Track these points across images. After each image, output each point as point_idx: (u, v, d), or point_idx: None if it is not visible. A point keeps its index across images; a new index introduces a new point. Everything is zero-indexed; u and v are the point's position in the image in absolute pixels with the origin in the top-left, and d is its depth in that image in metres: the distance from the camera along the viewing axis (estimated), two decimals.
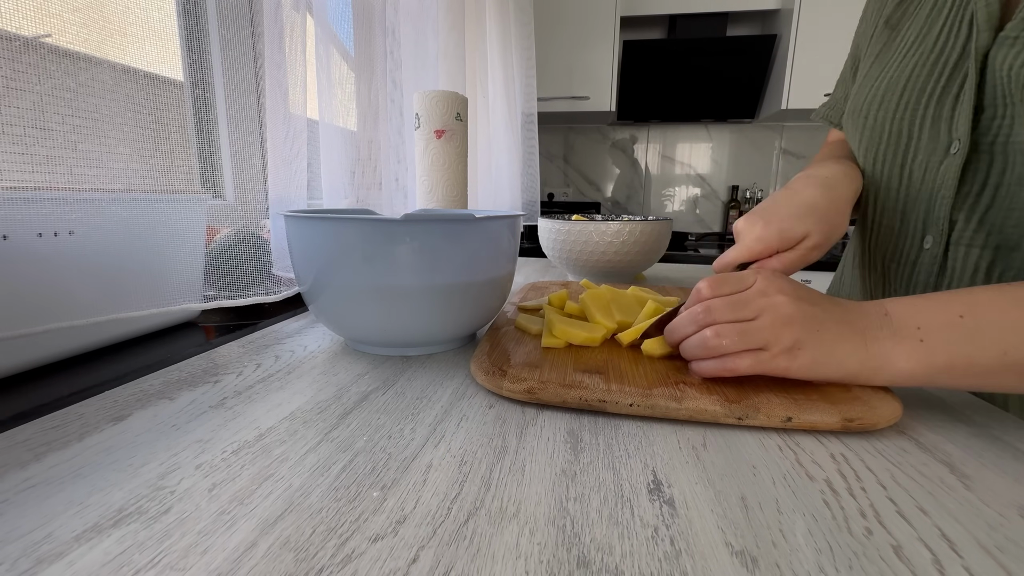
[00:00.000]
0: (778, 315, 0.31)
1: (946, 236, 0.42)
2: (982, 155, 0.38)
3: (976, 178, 0.39)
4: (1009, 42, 0.36)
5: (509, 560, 0.19)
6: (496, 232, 0.41)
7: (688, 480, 0.25)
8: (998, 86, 0.37)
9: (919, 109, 0.42)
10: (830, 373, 0.31)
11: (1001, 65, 0.36)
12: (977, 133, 0.38)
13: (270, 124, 0.60)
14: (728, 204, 2.37)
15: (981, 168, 0.39)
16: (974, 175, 0.39)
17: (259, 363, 0.40)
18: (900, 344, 0.30)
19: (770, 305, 0.32)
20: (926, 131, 0.42)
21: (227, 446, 0.27)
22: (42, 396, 0.32)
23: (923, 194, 0.43)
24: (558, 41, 2.06)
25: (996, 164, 0.38)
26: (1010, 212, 0.38)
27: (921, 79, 0.42)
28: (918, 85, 0.42)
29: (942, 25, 0.41)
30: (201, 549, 0.19)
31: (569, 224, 0.71)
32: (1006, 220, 0.38)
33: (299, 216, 0.39)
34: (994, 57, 0.37)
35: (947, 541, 0.21)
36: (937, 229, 0.42)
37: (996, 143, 0.37)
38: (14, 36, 0.36)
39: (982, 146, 0.38)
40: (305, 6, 0.65)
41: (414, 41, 0.91)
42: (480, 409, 0.32)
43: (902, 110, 0.43)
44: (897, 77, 0.44)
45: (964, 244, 0.41)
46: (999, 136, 0.37)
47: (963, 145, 0.39)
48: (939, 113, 0.41)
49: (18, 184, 0.36)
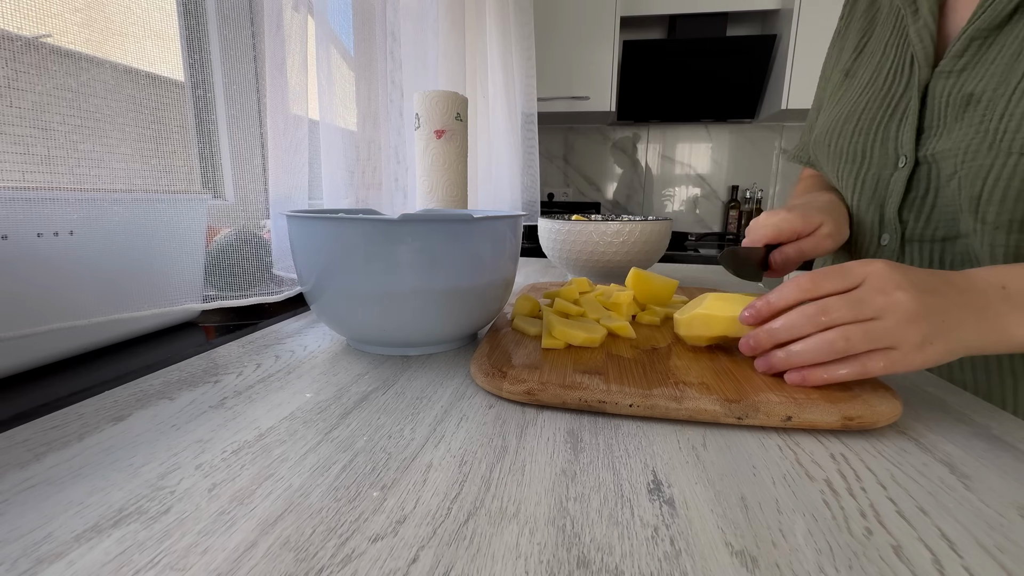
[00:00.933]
0: (902, 314, 0.30)
1: (900, 234, 0.49)
2: (922, 165, 0.46)
3: (920, 184, 0.47)
4: (944, 75, 0.44)
5: (509, 560, 0.19)
6: (498, 232, 0.41)
7: (688, 480, 0.25)
8: (935, 109, 0.45)
9: (871, 133, 0.51)
10: (956, 356, 0.32)
11: (941, 92, 0.44)
12: (920, 149, 0.46)
13: (270, 124, 0.60)
14: (728, 204, 2.37)
15: (923, 176, 0.46)
16: (918, 182, 0.47)
17: (259, 363, 0.40)
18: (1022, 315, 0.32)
19: (892, 304, 0.31)
20: (877, 150, 0.50)
21: (227, 446, 0.27)
22: (42, 396, 0.32)
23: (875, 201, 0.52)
24: (558, 41, 2.06)
25: (932, 171, 0.45)
26: (946, 208, 0.45)
27: (872, 109, 0.51)
28: (869, 114, 0.51)
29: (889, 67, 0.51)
30: (201, 549, 0.19)
31: (569, 224, 0.71)
32: (945, 216, 0.45)
33: (302, 216, 0.39)
34: (933, 87, 0.45)
35: (947, 541, 0.21)
36: (892, 228, 0.50)
37: (929, 154, 0.45)
38: (15, 36, 0.36)
39: (921, 158, 0.46)
40: (305, 6, 0.65)
41: (414, 41, 0.91)
42: (480, 409, 0.32)
43: (857, 135, 0.52)
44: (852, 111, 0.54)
45: (917, 240, 0.48)
46: (935, 149, 0.45)
47: (909, 159, 0.47)
48: (887, 135, 0.49)
49: (18, 184, 0.36)
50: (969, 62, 0.42)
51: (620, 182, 2.49)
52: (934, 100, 0.44)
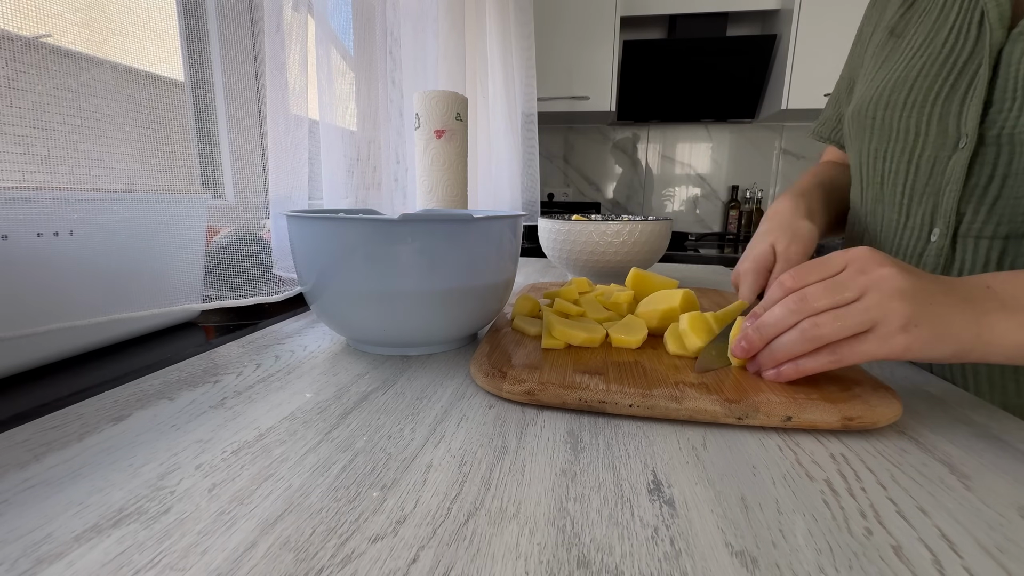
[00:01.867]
0: (887, 289, 0.29)
1: (953, 228, 0.43)
2: (989, 148, 0.39)
3: (983, 171, 0.40)
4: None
5: (509, 560, 0.19)
6: (498, 233, 0.41)
7: (688, 480, 0.25)
8: (1010, 80, 0.38)
9: (927, 107, 0.43)
10: (946, 350, 0.29)
11: (1019, 60, 0.37)
12: (984, 127, 0.39)
13: (270, 124, 0.60)
14: (728, 204, 2.37)
15: (988, 160, 0.40)
16: (981, 168, 0.40)
17: (259, 363, 0.40)
18: (1010, 316, 0.29)
19: (875, 281, 0.29)
20: (934, 127, 0.43)
21: (227, 446, 0.27)
22: (42, 396, 0.32)
23: (930, 188, 0.44)
24: (558, 41, 2.06)
25: (1003, 155, 0.39)
26: (1018, 201, 0.38)
27: (929, 78, 0.43)
28: (926, 84, 0.44)
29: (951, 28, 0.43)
30: (201, 549, 0.19)
31: (569, 224, 0.71)
32: (1015, 209, 0.39)
33: (302, 216, 0.39)
34: (1009, 52, 0.38)
35: (947, 541, 0.21)
36: (945, 222, 0.43)
37: (1003, 135, 0.38)
38: (15, 36, 0.36)
39: (988, 139, 0.39)
40: (305, 6, 0.65)
41: (414, 41, 0.91)
42: (480, 409, 0.32)
43: (910, 108, 0.45)
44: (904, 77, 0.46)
45: (973, 236, 0.42)
46: (1005, 128, 0.38)
47: (971, 139, 0.40)
48: (947, 110, 0.42)
49: (18, 184, 0.36)
50: None
51: (620, 182, 2.49)
52: (1009, 68, 0.38)
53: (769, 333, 0.32)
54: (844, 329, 0.29)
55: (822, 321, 0.30)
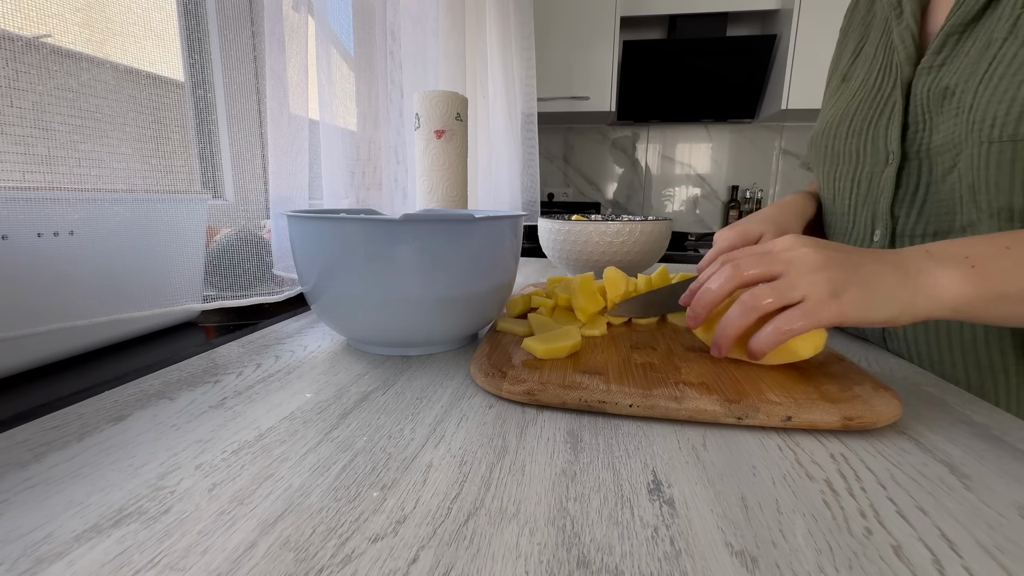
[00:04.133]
0: (807, 263, 0.32)
1: (891, 230, 0.50)
2: (912, 162, 0.47)
3: (910, 180, 0.47)
4: (925, 71, 0.45)
5: (509, 560, 0.19)
6: (499, 233, 0.41)
7: (688, 480, 0.25)
8: (918, 106, 0.46)
9: (863, 132, 0.52)
10: (885, 310, 0.31)
11: (922, 90, 0.45)
12: (906, 145, 0.47)
13: (271, 124, 0.60)
14: (728, 204, 2.37)
15: (913, 172, 0.47)
16: (908, 178, 0.48)
17: (259, 363, 0.40)
18: (950, 271, 0.31)
19: (796, 256, 0.33)
20: (869, 148, 0.51)
21: (227, 446, 0.27)
22: (42, 396, 0.32)
23: (870, 198, 0.52)
24: (558, 41, 2.06)
25: (924, 167, 0.46)
26: (939, 204, 0.45)
27: (863, 110, 0.53)
28: (861, 113, 0.53)
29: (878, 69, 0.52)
30: (201, 549, 0.19)
31: (569, 224, 0.71)
32: (937, 211, 0.45)
33: (302, 216, 0.39)
34: (915, 85, 0.46)
35: (947, 541, 0.21)
36: (883, 224, 0.51)
37: (920, 150, 0.46)
38: (15, 36, 0.36)
39: (910, 155, 0.47)
40: (305, 6, 0.65)
41: (414, 41, 0.91)
42: (480, 409, 0.32)
43: (852, 135, 0.53)
44: (847, 111, 0.55)
45: (908, 235, 0.48)
46: (922, 145, 0.46)
47: (896, 156, 0.48)
48: (877, 133, 0.50)
49: (18, 184, 0.36)
50: (947, 57, 0.43)
51: (620, 182, 2.49)
52: (916, 96, 0.46)
53: (708, 300, 0.36)
54: (779, 300, 0.32)
55: (759, 292, 0.33)
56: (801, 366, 0.36)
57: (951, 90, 0.42)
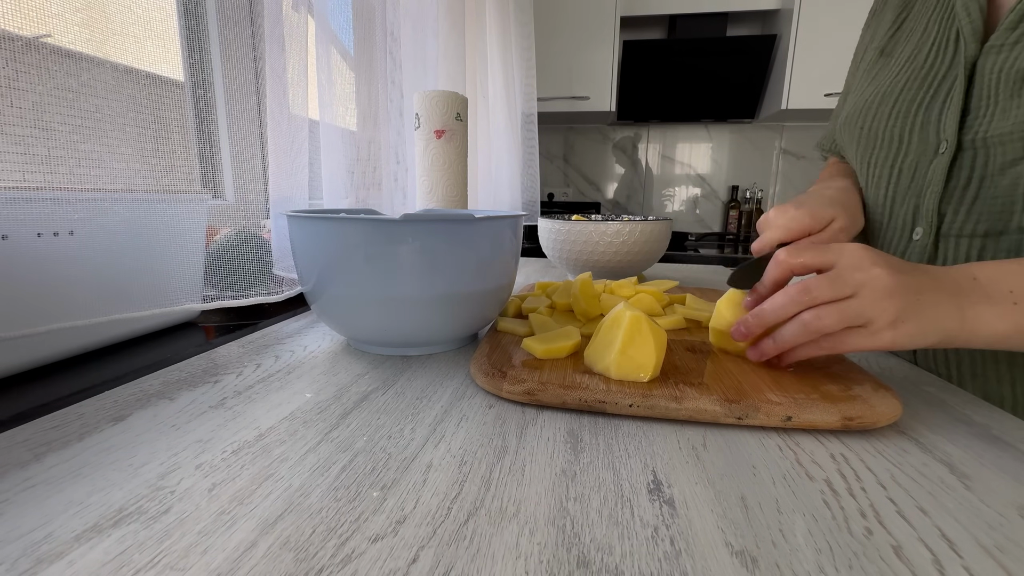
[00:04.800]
0: (878, 289, 0.31)
1: (935, 228, 0.45)
2: (966, 152, 0.42)
3: (962, 173, 0.43)
4: (995, 50, 0.40)
5: (509, 560, 0.19)
6: (499, 233, 0.41)
7: (688, 480, 0.25)
8: (984, 89, 0.41)
9: (910, 116, 0.47)
10: (931, 339, 0.31)
11: (991, 69, 0.40)
12: (961, 133, 0.42)
13: (271, 124, 0.60)
14: (728, 204, 2.36)
15: (966, 164, 0.42)
16: (960, 171, 0.43)
17: (259, 363, 0.40)
18: (995, 307, 0.32)
19: (868, 280, 0.31)
20: (916, 134, 0.46)
21: (227, 446, 0.27)
22: (42, 396, 0.32)
23: (912, 191, 0.47)
24: (558, 41, 2.05)
25: (979, 158, 0.41)
26: (994, 200, 0.41)
27: (912, 90, 0.47)
28: (908, 95, 0.47)
29: (932, 44, 0.47)
30: (201, 549, 0.19)
31: (569, 224, 0.71)
32: (991, 208, 0.41)
33: (303, 216, 0.39)
34: (982, 64, 0.41)
35: (947, 541, 0.21)
36: (927, 222, 0.46)
37: (978, 139, 0.41)
38: (15, 36, 0.36)
39: (965, 144, 0.42)
40: (305, 6, 0.65)
41: (414, 41, 0.91)
42: (480, 409, 0.32)
43: (894, 118, 0.48)
44: (890, 90, 0.49)
45: (954, 235, 0.44)
46: (979, 133, 0.41)
47: (950, 144, 0.43)
48: (928, 118, 0.45)
49: (18, 184, 0.36)
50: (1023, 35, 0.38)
51: (620, 182, 2.49)
52: (983, 78, 0.41)
53: (768, 320, 0.34)
54: (842, 323, 0.31)
55: (824, 314, 0.32)
56: (801, 366, 0.36)
57: None
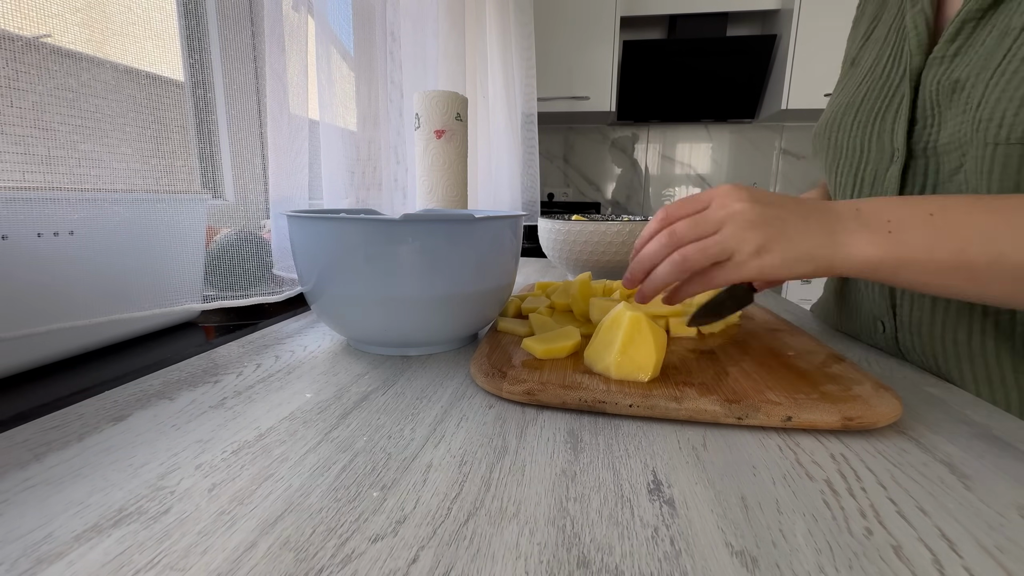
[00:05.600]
0: (739, 222, 0.33)
1: None
2: (918, 160, 0.44)
3: (916, 180, 0.44)
4: (937, 61, 0.41)
5: (509, 560, 0.19)
6: (499, 233, 0.41)
7: (688, 480, 0.25)
8: (927, 100, 0.42)
9: (868, 126, 0.48)
10: (802, 268, 0.33)
11: (931, 82, 0.41)
12: (912, 142, 0.44)
13: (271, 124, 0.60)
14: None
15: (919, 171, 0.44)
16: (913, 178, 0.44)
17: (259, 363, 0.40)
18: (868, 234, 0.33)
19: (730, 214, 0.33)
20: (874, 144, 0.48)
21: (227, 446, 0.27)
22: (42, 396, 0.32)
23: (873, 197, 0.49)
24: (558, 41, 2.06)
25: (931, 166, 0.43)
26: None
27: (869, 101, 0.49)
28: (867, 105, 0.49)
29: (888, 55, 0.48)
30: (201, 549, 0.19)
31: (569, 224, 0.71)
32: None
33: (303, 216, 0.39)
34: (925, 76, 0.42)
35: (947, 541, 0.21)
36: None
37: (927, 148, 0.43)
38: (15, 36, 0.36)
39: (916, 152, 0.44)
40: (305, 6, 0.65)
41: (414, 41, 0.91)
42: (480, 409, 0.32)
43: (856, 128, 0.50)
44: (852, 101, 0.51)
45: None
46: (929, 142, 0.42)
47: (901, 154, 0.44)
48: (883, 128, 0.46)
49: (18, 184, 0.36)
50: (961, 47, 0.39)
51: (620, 182, 2.49)
52: (925, 89, 0.42)
53: (646, 265, 0.37)
54: (705, 259, 0.34)
55: (687, 252, 0.34)
56: (801, 366, 0.36)
57: (961, 84, 0.38)
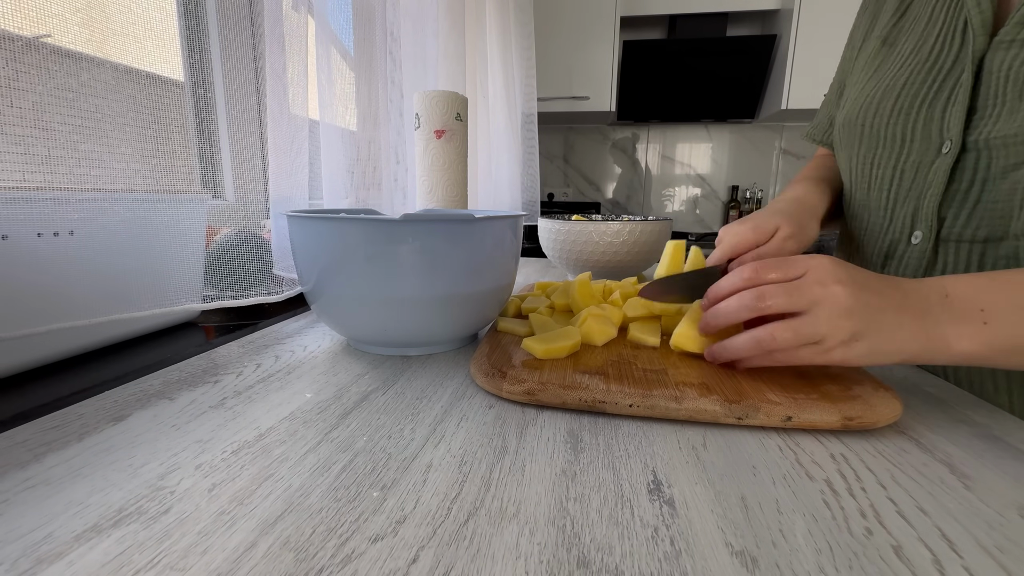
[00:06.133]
0: (836, 307, 0.30)
1: (935, 232, 0.43)
2: (970, 153, 0.40)
3: (964, 175, 0.41)
4: (1005, 45, 0.37)
5: (509, 560, 0.19)
6: (499, 233, 0.41)
7: (688, 480, 0.25)
8: (991, 87, 0.38)
9: (912, 113, 0.44)
10: (889, 359, 0.31)
11: (1000, 66, 0.38)
12: (966, 133, 0.40)
13: (271, 124, 0.60)
14: (728, 204, 2.37)
15: (969, 165, 0.40)
16: (962, 173, 0.41)
17: (259, 363, 0.40)
18: (962, 326, 0.30)
19: (827, 296, 0.30)
20: (919, 133, 0.44)
21: (227, 446, 0.27)
22: (42, 396, 0.32)
23: (912, 192, 0.45)
24: (558, 41, 2.06)
25: (983, 160, 0.39)
26: (995, 205, 0.39)
27: (915, 85, 0.44)
28: (912, 91, 0.45)
29: (937, 35, 0.44)
30: (201, 549, 0.19)
31: (569, 224, 0.71)
32: (992, 213, 0.40)
33: (303, 216, 0.39)
34: (990, 60, 0.38)
35: (947, 541, 0.21)
36: (926, 225, 0.44)
37: (980, 140, 0.39)
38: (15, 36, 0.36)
39: (969, 145, 0.40)
40: (305, 6, 0.65)
41: (414, 41, 0.91)
42: (480, 409, 0.32)
43: (897, 115, 0.46)
44: (892, 85, 0.47)
45: (954, 240, 0.42)
46: (983, 133, 0.39)
47: (954, 144, 0.40)
48: (931, 116, 0.43)
49: (18, 184, 0.36)
50: None
51: (620, 182, 2.49)
52: (991, 75, 0.38)
53: (721, 323, 0.34)
54: (796, 343, 0.31)
55: (777, 333, 0.31)
56: (801, 366, 0.36)
57: None
